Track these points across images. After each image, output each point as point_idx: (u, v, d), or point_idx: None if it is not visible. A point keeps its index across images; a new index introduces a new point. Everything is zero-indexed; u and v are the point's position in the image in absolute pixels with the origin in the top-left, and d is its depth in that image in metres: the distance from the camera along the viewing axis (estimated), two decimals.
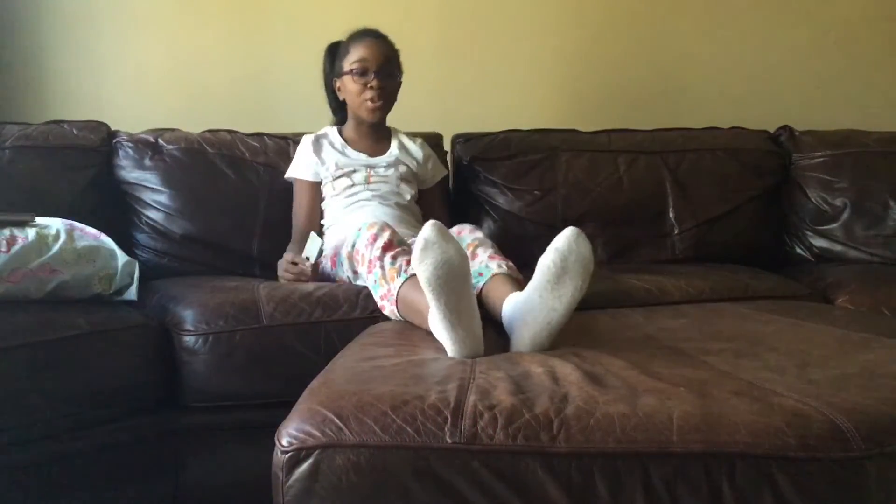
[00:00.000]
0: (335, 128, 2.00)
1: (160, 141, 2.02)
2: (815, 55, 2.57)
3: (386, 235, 1.44)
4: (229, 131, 2.10)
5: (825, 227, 2.19)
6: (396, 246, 1.43)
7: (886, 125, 2.34)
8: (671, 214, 2.15)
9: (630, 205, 2.14)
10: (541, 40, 2.51)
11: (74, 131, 1.98)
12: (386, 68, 1.87)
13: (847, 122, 2.38)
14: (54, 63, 2.32)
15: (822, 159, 2.23)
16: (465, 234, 1.59)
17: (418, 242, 1.11)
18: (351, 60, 1.87)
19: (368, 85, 1.86)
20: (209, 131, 2.09)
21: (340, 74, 1.92)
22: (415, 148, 2.02)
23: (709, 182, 2.18)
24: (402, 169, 1.94)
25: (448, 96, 2.44)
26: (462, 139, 2.21)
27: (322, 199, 1.93)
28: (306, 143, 1.97)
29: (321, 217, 1.94)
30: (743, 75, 2.56)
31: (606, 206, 2.13)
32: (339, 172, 1.91)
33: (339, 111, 2.01)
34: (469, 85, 2.48)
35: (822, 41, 2.57)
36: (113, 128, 2.06)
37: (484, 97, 2.48)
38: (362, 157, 1.95)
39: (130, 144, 2.00)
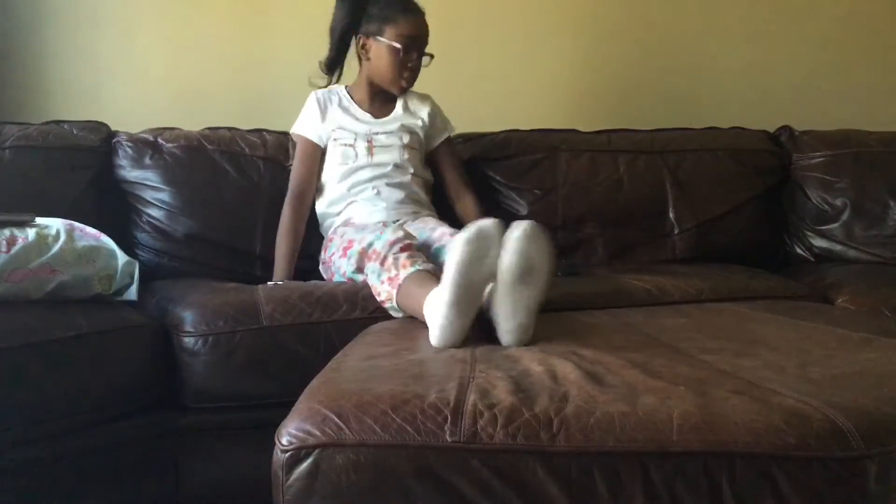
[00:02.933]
0: (343, 87, 1.95)
1: (160, 140, 2.01)
2: (815, 55, 2.57)
3: (407, 241, 1.49)
4: (229, 128, 2.10)
5: (825, 227, 2.19)
6: (415, 249, 1.48)
7: (886, 125, 2.34)
8: (671, 214, 2.15)
9: (630, 205, 2.14)
10: (541, 40, 2.51)
11: (74, 131, 1.98)
12: (426, 47, 1.85)
13: (847, 122, 2.38)
14: (54, 63, 2.32)
15: (822, 159, 2.23)
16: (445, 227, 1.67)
17: (474, 227, 1.15)
18: (398, 33, 1.79)
19: (409, 64, 1.83)
20: (208, 129, 2.09)
21: (374, 36, 1.82)
22: (420, 106, 1.97)
23: (709, 182, 2.18)
24: (406, 139, 1.89)
25: (448, 96, 2.43)
26: (462, 139, 2.21)
27: (322, 161, 1.91)
28: (312, 100, 1.92)
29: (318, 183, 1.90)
30: (743, 75, 2.56)
31: (606, 206, 2.13)
32: (342, 133, 1.87)
33: (338, 62, 1.90)
34: (469, 85, 2.48)
35: (822, 41, 2.57)
36: (113, 128, 2.06)
37: (484, 97, 2.48)
38: (367, 117, 1.91)
39: (130, 144, 2.00)
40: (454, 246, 1.15)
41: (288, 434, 0.85)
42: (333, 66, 1.91)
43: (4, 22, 2.29)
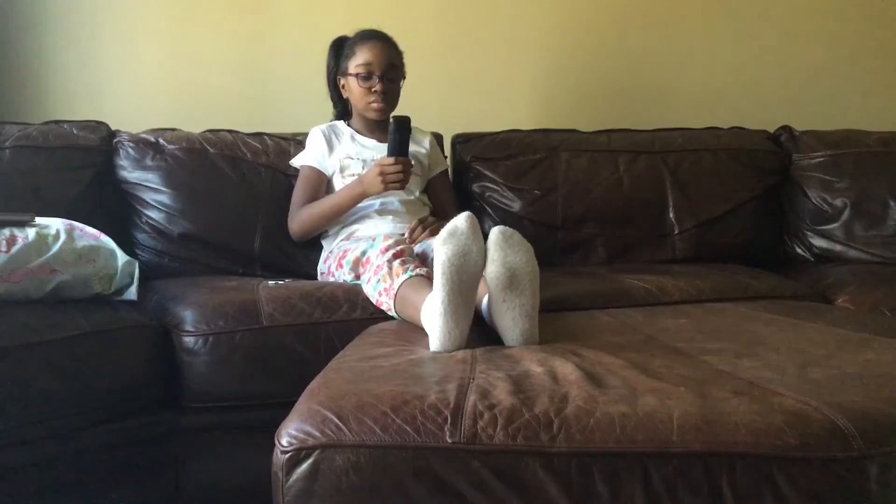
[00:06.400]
0: (344, 122, 2.01)
1: (161, 141, 2.01)
2: (815, 55, 2.57)
3: (399, 248, 1.50)
4: (230, 131, 2.10)
5: (825, 227, 2.19)
6: (407, 255, 1.49)
7: (886, 125, 2.34)
8: (671, 214, 2.15)
9: (630, 205, 2.14)
10: (541, 40, 2.51)
11: (74, 131, 1.98)
12: (390, 72, 1.89)
13: (847, 122, 2.38)
14: (54, 63, 2.32)
15: (822, 159, 2.23)
16: None
17: (449, 226, 1.15)
18: (356, 63, 1.89)
19: (373, 89, 1.88)
20: (210, 131, 2.09)
21: (345, 74, 1.93)
22: (421, 137, 2.02)
23: (709, 182, 2.19)
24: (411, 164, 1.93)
25: (448, 96, 2.44)
26: (462, 139, 2.21)
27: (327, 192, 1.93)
28: (316, 132, 1.97)
29: None
30: (743, 75, 2.56)
31: (606, 206, 2.13)
32: (349, 162, 1.90)
33: (340, 104, 2.02)
34: (469, 85, 2.48)
35: (822, 41, 2.57)
36: (113, 128, 2.06)
37: (484, 97, 2.48)
38: (372, 142, 1.94)
39: (131, 144, 2.00)
40: (436, 249, 1.15)
41: (288, 435, 0.85)
42: (336, 106, 2.04)
43: (4, 22, 2.29)
